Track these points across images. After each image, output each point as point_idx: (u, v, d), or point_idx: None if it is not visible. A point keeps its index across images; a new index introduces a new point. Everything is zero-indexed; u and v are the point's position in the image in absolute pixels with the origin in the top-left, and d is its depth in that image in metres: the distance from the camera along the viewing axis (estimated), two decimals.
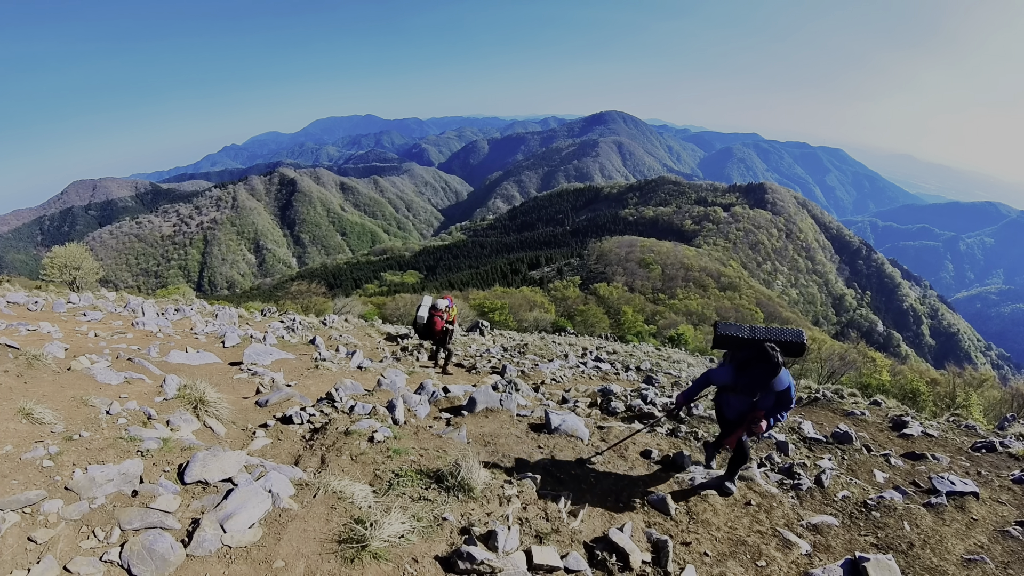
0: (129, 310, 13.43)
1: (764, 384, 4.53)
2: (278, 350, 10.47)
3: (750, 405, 4.72)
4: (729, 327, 4.92)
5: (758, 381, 4.52)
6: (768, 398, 4.66)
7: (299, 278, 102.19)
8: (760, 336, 4.80)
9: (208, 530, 3.21)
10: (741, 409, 4.83)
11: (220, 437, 5.38)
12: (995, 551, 4.54)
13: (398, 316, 38.50)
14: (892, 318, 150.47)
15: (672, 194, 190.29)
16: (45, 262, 28.50)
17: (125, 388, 5.91)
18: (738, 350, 4.85)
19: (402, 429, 5.55)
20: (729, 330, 4.90)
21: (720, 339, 4.93)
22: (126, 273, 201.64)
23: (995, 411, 18.64)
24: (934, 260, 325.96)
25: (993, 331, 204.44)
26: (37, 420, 4.21)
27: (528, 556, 3.55)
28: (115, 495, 3.52)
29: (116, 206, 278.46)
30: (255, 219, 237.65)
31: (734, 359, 4.85)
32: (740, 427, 4.88)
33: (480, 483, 4.26)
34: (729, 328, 4.92)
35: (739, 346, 4.84)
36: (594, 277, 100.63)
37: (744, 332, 4.85)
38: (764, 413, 4.73)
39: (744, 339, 4.82)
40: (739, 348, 4.84)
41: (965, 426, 8.61)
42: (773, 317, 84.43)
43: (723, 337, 4.90)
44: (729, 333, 4.87)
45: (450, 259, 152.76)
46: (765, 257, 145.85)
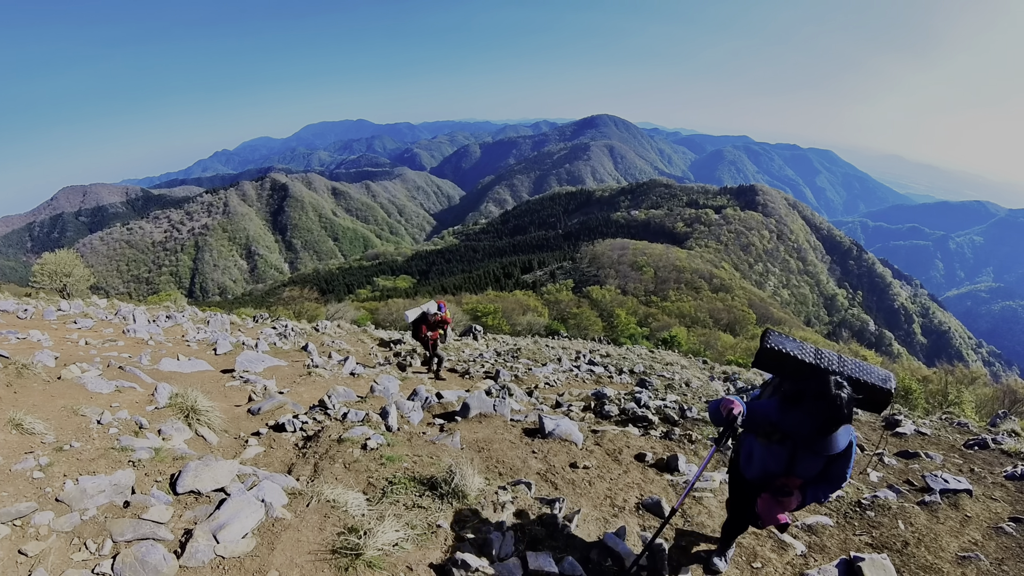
0: (120, 317, 13.33)
1: (812, 439, 3.01)
2: (270, 357, 10.43)
3: (784, 464, 3.22)
4: (785, 341, 3.38)
5: (805, 431, 3.02)
6: (812, 461, 3.15)
7: (291, 284, 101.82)
8: (830, 364, 3.24)
9: (201, 541, 3.19)
10: (769, 468, 3.30)
11: (212, 446, 5.35)
12: (989, 548, 4.57)
13: (391, 321, 38.43)
14: (883, 317, 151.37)
15: (663, 197, 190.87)
16: (35, 269, 28.30)
17: (116, 397, 5.87)
18: (789, 378, 3.39)
19: (395, 436, 5.53)
20: (785, 344, 3.34)
21: (769, 355, 3.36)
22: (117, 280, 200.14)
23: (987, 408, 18.77)
24: (924, 259, 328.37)
25: (983, 329, 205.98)
26: (27, 430, 4.17)
27: (523, 562, 3.54)
28: (107, 506, 3.49)
29: (107, 212, 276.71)
30: (247, 225, 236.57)
31: (779, 389, 3.46)
32: (761, 495, 3.37)
33: (474, 489, 4.24)
34: (785, 342, 3.36)
35: (793, 372, 3.32)
36: (587, 280, 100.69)
37: (807, 354, 3.30)
38: (801, 483, 3.23)
39: (804, 364, 3.26)
40: (792, 375, 3.35)
41: (957, 424, 8.68)
42: (765, 318, 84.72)
43: (774, 353, 3.34)
44: (784, 349, 3.31)
45: (443, 263, 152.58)
46: (757, 258, 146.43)
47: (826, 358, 3.28)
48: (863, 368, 3.27)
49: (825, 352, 3.33)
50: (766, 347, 3.35)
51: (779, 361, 3.34)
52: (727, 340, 52.95)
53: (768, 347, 3.34)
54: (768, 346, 3.34)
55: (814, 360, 3.26)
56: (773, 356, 3.34)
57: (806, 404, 2.99)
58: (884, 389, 3.19)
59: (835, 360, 3.28)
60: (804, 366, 3.27)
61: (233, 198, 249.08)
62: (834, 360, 3.27)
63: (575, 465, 5.40)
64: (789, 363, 3.30)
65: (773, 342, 3.35)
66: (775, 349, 3.32)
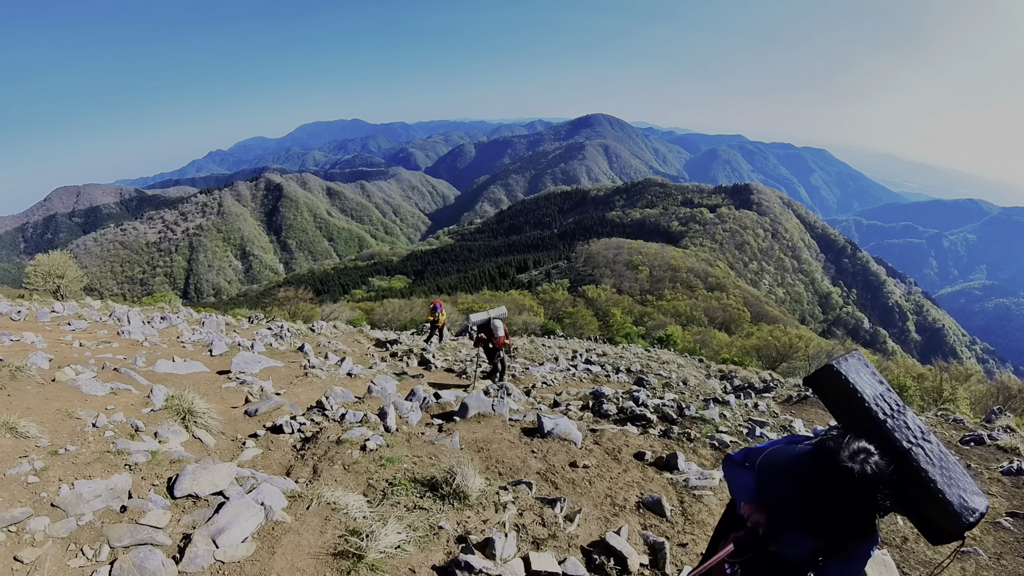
0: (114, 319, 13.26)
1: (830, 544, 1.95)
2: (266, 358, 10.38)
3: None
4: (862, 373, 2.15)
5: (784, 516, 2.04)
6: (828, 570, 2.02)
7: (286, 284, 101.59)
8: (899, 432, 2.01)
9: (200, 545, 3.15)
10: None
11: (210, 448, 5.30)
12: (987, 543, 4.59)
13: (387, 321, 38.35)
14: (878, 315, 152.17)
15: (659, 196, 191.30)
16: (28, 270, 28.18)
17: (111, 399, 5.82)
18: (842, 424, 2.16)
19: (394, 437, 5.50)
20: (858, 378, 2.12)
21: (829, 384, 2.16)
22: (111, 281, 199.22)
23: (981, 404, 18.89)
24: (918, 257, 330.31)
25: (977, 326, 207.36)
26: (21, 434, 4.12)
27: (526, 563, 3.52)
28: (103, 511, 3.44)
29: (100, 213, 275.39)
30: (241, 225, 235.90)
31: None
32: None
33: (475, 490, 4.22)
34: (860, 375, 2.13)
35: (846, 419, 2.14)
36: (582, 279, 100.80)
37: (879, 402, 2.07)
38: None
39: (865, 412, 2.05)
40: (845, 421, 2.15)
41: (953, 420, 8.72)
42: (760, 316, 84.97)
43: (837, 383, 2.13)
44: (852, 383, 2.10)
45: (438, 263, 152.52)
46: (751, 257, 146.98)
47: (902, 421, 2.04)
48: (948, 472, 1.97)
49: (905, 415, 2.06)
50: (832, 371, 2.14)
51: (840, 396, 2.13)
52: (722, 338, 53.04)
53: (836, 372, 2.13)
54: (836, 370, 2.13)
55: (879, 414, 2.03)
56: (834, 387, 2.14)
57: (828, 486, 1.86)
58: (957, 523, 1.92)
59: (915, 429, 2.03)
60: (861, 415, 2.06)
61: (227, 198, 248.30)
62: (914, 429, 2.03)
63: (575, 464, 5.38)
64: (852, 404, 2.09)
65: (844, 368, 2.13)
66: (842, 377, 2.11)
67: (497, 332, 10.85)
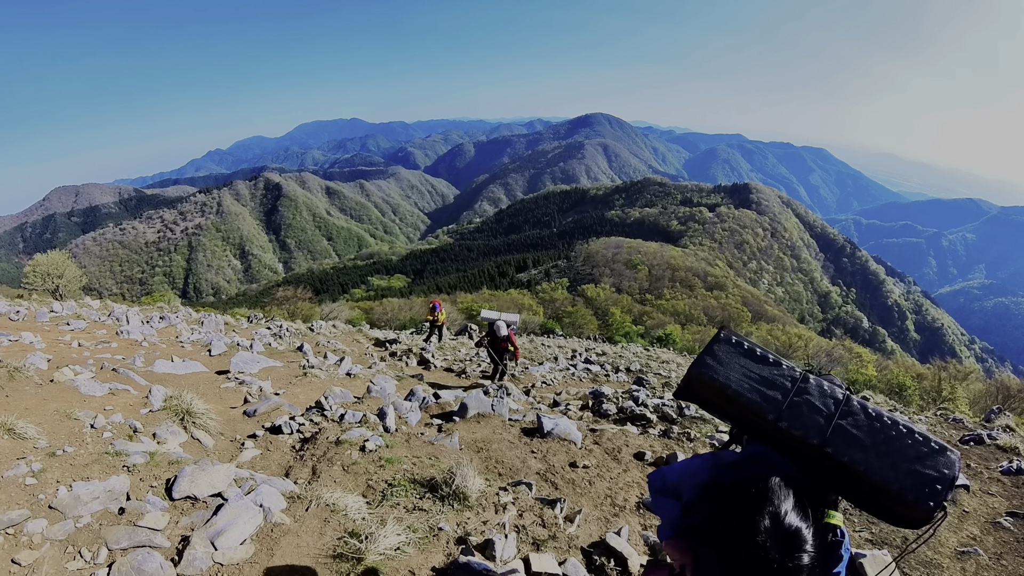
0: (113, 319, 13.23)
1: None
2: (265, 358, 10.36)
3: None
4: (732, 361, 1.64)
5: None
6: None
7: (285, 284, 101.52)
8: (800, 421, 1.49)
9: (198, 548, 3.14)
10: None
11: (208, 449, 5.29)
12: (988, 543, 4.58)
13: (386, 321, 38.33)
14: (877, 314, 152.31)
15: (658, 195, 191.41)
16: (27, 270, 28.16)
17: (110, 400, 5.79)
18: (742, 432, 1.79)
19: (393, 437, 5.48)
20: (731, 372, 1.62)
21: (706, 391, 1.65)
22: (110, 280, 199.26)
23: (981, 404, 18.92)
24: (917, 256, 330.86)
25: (976, 325, 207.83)
26: (19, 435, 4.10)
27: (526, 564, 3.50)
28: (101, 513, 3.43)
29: (99, 212, 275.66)
30: (240, 224, 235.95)
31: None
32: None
33: (475, 491, 4.20)
34: (731, 365, 1.63)
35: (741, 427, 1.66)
36: (582, 279, 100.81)
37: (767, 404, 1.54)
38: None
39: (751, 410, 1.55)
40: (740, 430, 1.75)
41: (952, 419, 8.71)
42: (760, 315, 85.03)
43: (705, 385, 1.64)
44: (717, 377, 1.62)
45: (437, 262, 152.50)
46: (751, 256, 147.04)
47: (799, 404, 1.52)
48: (887, 445, 1.44)
49: (807, 384, 1.56)
50: (696, 375, 1.66)
51: (718, 399, 1.64)
52: None
53: (701, 376, 1.65)
54: (700, 374, 1.65)
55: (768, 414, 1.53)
56: (706, 391, 1.65)
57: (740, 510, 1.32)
58: (921, 508, 1.38)
59: (821, 413, 1.50)
60: (750, 417, 1.57)
61: (227, 198, 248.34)
62: (818, 417, 1.50)
63: (575, 464, 5.36)
64: (734, 407, 1.60)
65: (708, 369, 1.64)
66: (708, 377, 1.63)
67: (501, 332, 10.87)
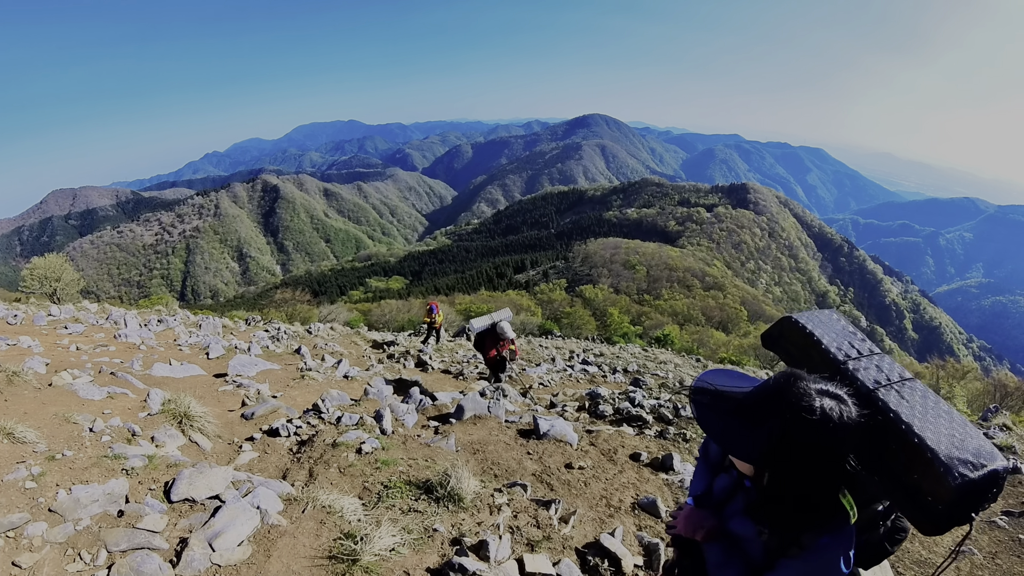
0: (111, 322, 13.24)
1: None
2: (263, 360, 10.38)
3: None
4: (826, 322, 1.85)
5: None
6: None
7: (283, 286, 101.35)
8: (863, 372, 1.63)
9: (196, 549, 3.17)
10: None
11: (206, 452, 5.32)
12: (982, 542, 4.62)
13: (384, 322, 38.35)
14: (875, 313, 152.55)
15: (655, 196, 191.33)
16: (24, 273, 28.14)
17: (108, 403, 5.83)
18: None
19: (390, 439, 5.51)
20: (820, 326, 1.83)
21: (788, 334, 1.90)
22: (108, 283, 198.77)
23: (978, 402, 18.98)
24: (915, 256, 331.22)
25: (974, 324, 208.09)
26: (18, 439, 4.13)
27: (520, 565, 3.53)
28: (100, 516, 3.47)
29: (97, 215, 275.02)
30: (238, 227, 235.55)
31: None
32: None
33: (470, 492, 4.24)
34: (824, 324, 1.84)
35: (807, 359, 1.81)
36: (579, 279, 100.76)
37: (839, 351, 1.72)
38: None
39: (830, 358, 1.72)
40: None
41: None
42: (758, 315, 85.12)
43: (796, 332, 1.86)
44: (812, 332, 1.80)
45: (435, 264, 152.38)
46: (748, 256, 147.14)
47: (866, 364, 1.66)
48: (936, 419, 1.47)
49: (880, 359, 1.69)
50: (790, 321, 1.87)
51: (796, 347, 1.86)
52: (720, 337, 53.15)
53: (793, 322, 1.86)
54: (793, 320, 1.86)
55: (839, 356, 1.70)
56: (791, 337, 1.87)
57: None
58: (946, 482, 1.32)
59: (882, 376, 1.62)
60: (819, 359, 1.74)
61: (224, 200, 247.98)
62: (879, 375, 1.62)
63: (570, 466, 5.40)
64: (810, 351, 1.78)
65: (803, 318, 1.85)
66: (799, 325, 1.83)
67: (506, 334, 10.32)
